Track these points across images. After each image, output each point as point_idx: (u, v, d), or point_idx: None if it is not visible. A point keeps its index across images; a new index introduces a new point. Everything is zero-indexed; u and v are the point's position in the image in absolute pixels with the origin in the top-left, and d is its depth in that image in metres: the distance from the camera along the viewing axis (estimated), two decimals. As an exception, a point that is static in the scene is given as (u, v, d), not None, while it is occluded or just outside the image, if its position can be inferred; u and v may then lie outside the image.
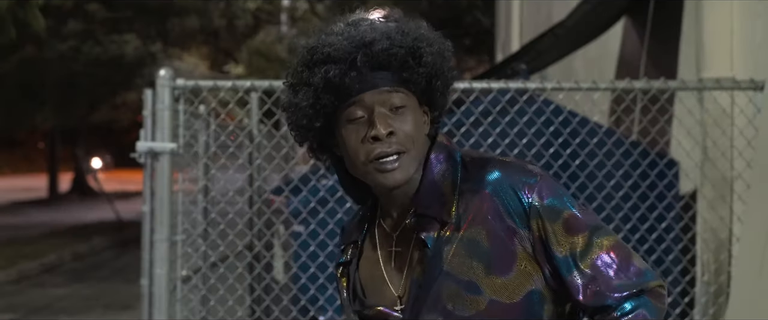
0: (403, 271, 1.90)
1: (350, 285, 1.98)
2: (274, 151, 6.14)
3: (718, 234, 4.57)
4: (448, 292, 1.82)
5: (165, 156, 4.06)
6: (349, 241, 2.02)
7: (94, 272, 14.80)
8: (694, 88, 4.46)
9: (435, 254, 1.84)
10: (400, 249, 1.92)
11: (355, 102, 1.82)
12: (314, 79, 1.82)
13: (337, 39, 1.83)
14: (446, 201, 1.86)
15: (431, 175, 1.89)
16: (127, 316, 10.10)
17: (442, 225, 1.85)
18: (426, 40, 1.87)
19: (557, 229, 1.83)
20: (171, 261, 4.12)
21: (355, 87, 1.81)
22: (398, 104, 1.83)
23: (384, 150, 1.80)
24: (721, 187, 4.56)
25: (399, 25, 1.87)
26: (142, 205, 4.14)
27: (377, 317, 1.92)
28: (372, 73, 1.83)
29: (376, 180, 1.85)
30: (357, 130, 1.82)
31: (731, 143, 4.45)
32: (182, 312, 4.40)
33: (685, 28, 5.22)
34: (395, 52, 1.82)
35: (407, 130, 1.83)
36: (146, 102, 4.11)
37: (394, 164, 1.81)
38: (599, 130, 4.61)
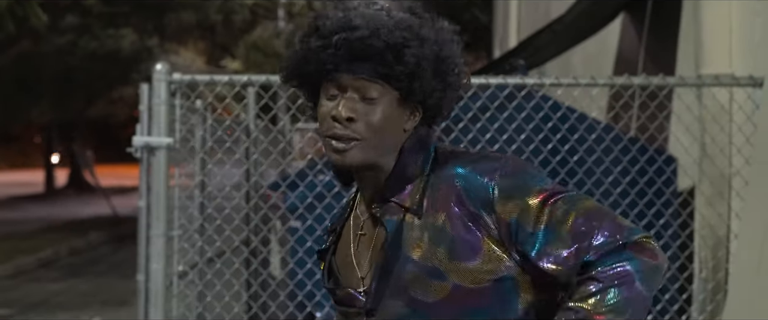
0: (368, 254, 1.93)
1: (326, 269, 2.01)
2: (271, 146, 6.16)
3: (716, 231, 4.58)
4: (410, 278, 1.83)
5: (161, 151, 4.05)
6: (331, 229, 2.05)
7: (90, 267, 14.81)
8: (693, 85, 4.46)
9: (395, 239, 1.85)
10: (364, 232, 1.95)
11: (333, 80, 1.85)
12: (302, 45, 1.88)
13: (334, 15, 1.87)
14: (411, 189, 1.88)
15: (402, 164, 1.90)
16: (123, 312, 10.09)
17: (405, 210, 1.87)
18: (417, 40, 1.85)
19: (526, 206, 1.79)
20: (167, 257, 4.12)
21: (329, 65, 1.84)
22: (372, 95, 1.84)
23: (337, 132, 1.84)
24: (719, 184, 4.56)
25: (394, 19, 1.87)
26: (139, 200, 4.14)
27: (346, 298, 1.95)
28: (353, 59, 1.84)
29: (329, 157, 1.90)
30: (327, 104, 1.86)
31: (730, 140, 4.45)
32: (178, 308, 4.39)
33: (684, 25, 5.21)
34: (373, 43, 1.82)
35: (371, 121, 1.84)
36: (142, 96, 4.10)
37: (341, 147, 1.84)
38: (597, 125, 4.61)
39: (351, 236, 1.98)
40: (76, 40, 22.43)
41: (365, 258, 1.93)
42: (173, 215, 4.26)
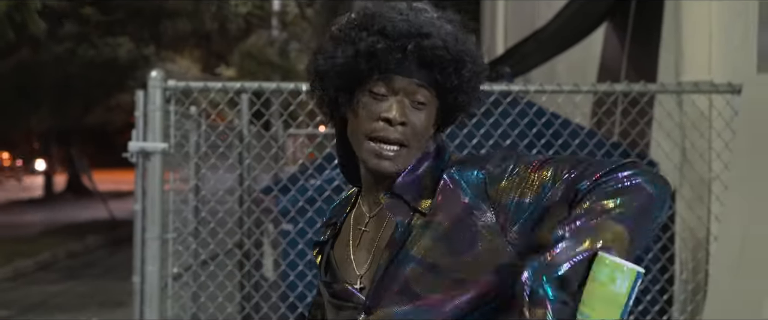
0: (369, 251, 1.90)
1: (323, 263, 1.99)
2: (263, 151, 6.15)
3: (696, 233, 4.59)
4: (412, 275, 1.80)
5: (156, 156, 4.05)
6: (329, 223, 2.03)
7: (87, 269, 14.77)
8: (674, 91, 4.48)
9: (402, 239, 1.82)
10: (369, 229, 1.92)
11: (385, 79, 1.81)
12: (361, 42, 1.80)
13: (398, 18, 1.82)
14: (423, 192, 1.86)
15: (417, 166, 1.88)
16: (120, 313, 10.07)
17: (414, 210, 1.84)
18: (472, 57, 1.86)
19: (517, 179, 1.75)
20: (162, 259, 4.11)
21: (392, 67, 1.80)
22: (421, 100, 1.82)
23: (388, 135, 1.80)
24: (699, 188, 4.58)
25: (455, 31, 1.86)
26: (134, 204, 4.13)
27: (342, 292, 1.91)
28: (413, 63, 1.81)
29: (367, 160, 1.84)
30: (374, 104, 1.81)
31: (709, 145, 4.46)
32: (173, 309, 4.39)
33: (665, 33, 5.23)
34: (443, 54, 1.80)
35: (417, 126, 1.82)
36: (138, 103, 4.10)
37: (390, 153, 1.81)
38: (581, 131, 4.62)
39: (351, 233, 1.95)
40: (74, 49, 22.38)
41: (365, 256, 1.91)
42: (168, 218, 4.26)
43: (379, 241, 1.88)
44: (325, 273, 1.98)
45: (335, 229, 2.00)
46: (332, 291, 1.93)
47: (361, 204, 1.97)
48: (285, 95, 4.41)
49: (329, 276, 1.96)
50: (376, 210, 1.91)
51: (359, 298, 1.87)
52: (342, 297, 1.91)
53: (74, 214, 23.90)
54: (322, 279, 1.98)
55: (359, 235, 1.93)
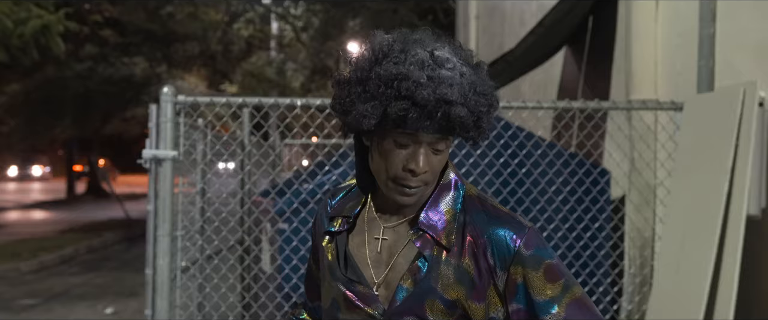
0: (387, 263, 1.86)
1: (340, 254, 1.92)
2: (262, 158, 6.15)
3: (642, 233, 4.61)
4: (431, 305, 1.81)
5: (167, 162, 4.04)
6: (341, 215, 1.95)
7: (105, 263, 14.70)
8: (624, 108, 4.50)
9: (429, 271, 1.81)
10: (387, 239, 1.88)
11: (412, 135, 1.76)
12: (391, 107, 1.72)
13: (424, 79, 1.72)
14: (447, 227, 1.84)
15: (439, 199, 1.86)
16: (134, 301, 10.04)
17: (439, 246, 1.82)
18: (488, 102, 1.80)
19: (538, 277, 1.81)
20: (172, 254, 4.10)
21: (419, 128, 1.74)
22: (440, 148, 1.79)
23: (410, 184, 1.78)
24: (645, 193, 4.60)
25: (475, 83, 1.78)
26: (147, 205, 4.12)
27: (365, 295, 1.86)
28: (438, 125, 1.75)
29: (390, 195, 1.82)
30: (398, 152, 1.77)
31: (655, 155, 4.48)
32: (181, 298, 4.38)
33: (616, 57, 5.26)
34: (467, 120, 1.75)
35: (436, 168, 1.81)
36: (151, 115, 4.09)
37: (412, 192, 1.80)
38: (542, 143, 4.64)
39: (367, 236, 1.90)
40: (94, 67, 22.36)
41: (382, 265, 1.87)
42: (177, 218, 4.25)
43: (398, 257, 1.86)
44: (344, 267, 1.90)
45: (348, 223, 1.93)
46: (354, 290, 1.88)
47: (374, 210, 1.93)
48: (282, 109, 4.41)
49: (350, 273, 1.89)
50: (396, 223, 1.89)
51: (379, 307, 1.85)
52: (363, 300, 1.87)
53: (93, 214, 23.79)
54: (344, 273, 1.90)
55: (378, 244, 1.89)
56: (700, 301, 3.41)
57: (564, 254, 4.42)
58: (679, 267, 3.74)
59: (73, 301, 10.82)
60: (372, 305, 1.85)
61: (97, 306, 10.36)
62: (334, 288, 1.92)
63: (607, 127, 5.01)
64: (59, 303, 10.69)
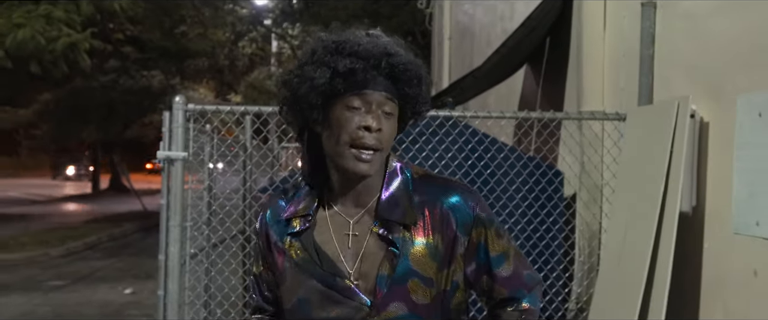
0: (358, 255, 1.74)
1: (311, 251, 1.76)
2: (261, 159, 6.13)
3: (591, 226, 4.62)
4: (412, 286, 1.72)
5: (178, 162, 4.03)
6: (296, 215, 1.79)
7: (125, 249, 14.66)
8: (575, 118, 4.51)
9: (402, 254, 1.72)
10: (357, 234, 1.75)
11: (360, 94, 1.67)
12: (338, 65, 1.66)
13: (364, 41, 1.70)
14: (405, 209, 1.74)
15: (390, 186, 1.77)
16: (149, 283, 10.00)
17: (404, 228, 1.73)
18: (425, 71, 1.77)
19: (491, 234, 1.80)
20: (182, 242, 4.09)
21: (368, 83, 1.67)
22: (389, 111, 1.70)
23: (368, 142, 1.67)
24: (593, 192, 4.61)
25: (407, 51, 1.75)
26: (161, 199, 4.10)
27: (345, 291, 1.73)
28: (383, 79, 1.70)
29: (347, 165, 1.69)
30: (352, 117, 1.67)
31: (601, 159, 4.50)
32: (190, 280, 4.36)
33: (569, 74, 5.27)
34: (410, 68, 1.71)
35: (388, 133, 1.71)
36: (165, 121, 4.08)
37: (368, 156, 1.68)
38: (505, 147, 4.64)
39: (333, 233, 1.76)
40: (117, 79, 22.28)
41: (353, 256, 1.74)
42: (187, 211, 4.23)
43: (369, 248, 1.75)
44: (320, 263, 1.75)
45: (309, 221, 1.78)
46: (334, 284, 1.73)
47: (334, 207, 1.79)
48: (279, 117, 4.40)
49: (328, 267, 1.74)
50: (358, 216, 1.77)
51: (362, 299, 1.72)
52: (344, 294, 1.73)
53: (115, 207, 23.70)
54: (323, 268, 1.74)
55: (347, 239, 1.76)
56: (640, 284, 3.43)
57: (523, 244, 4.43)
58: (622, 256, 3.76)
59: (96, 283, 10.79)
60: (355, 297, 1.72)
61: (117, 287, 10.34)
62: (306, 286, 1.75)
63: (561, 134, 5.03)
64: (84, 285, 10.65)
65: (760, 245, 3.02)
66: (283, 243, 1.80)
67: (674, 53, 3.92)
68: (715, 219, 3.41)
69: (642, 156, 3.84)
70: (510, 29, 6.26)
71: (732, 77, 3.32)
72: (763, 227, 2.99)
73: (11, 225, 17.54)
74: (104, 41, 15.75)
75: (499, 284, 1.83)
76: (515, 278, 1.85)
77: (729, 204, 3.24)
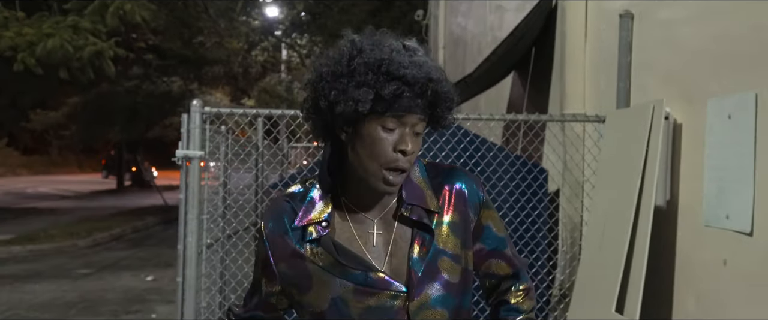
0: (386, 249, 1.63)
1: (333, 255, 1.62)
2: (272, 158, 6.12)
3: (573, 219, 4.62)
4: (443, 265, 1.64)
5: (196, 160, 4.02)
6: (312, 222, 1.64)
7: (147, 240, 14.65)
8: (559, 120, 4.51)
9: (432, 236, 1.64)
10: (381, 232, 1.64)
11: (397, 117, 1.54)
12: (383, 89, 1.50)
13: (407, 63, 1.53)
14: (425, 194, 1.66)
15: (411, 175, 1.67)
16: (169, 271, 10.00)
17: (429, 212, 1.65)
18: (457, 95, 1.64)
19: (495, 217, 1.77)
20: (199, 233, 4.08)
21: (410, 109, 1.54)
22: (419, 131, 1.58)
23: (403, 165, 1.55)
24: (575, 188, 4.61)
25: (438, 67, 1.61)
26: (180, 194, 4.10)
27: (380, 282, 1.60)
28: (429, 105, 1.58)
29: (377, 185, 1.57)
30: (387, 138, 1.54)
31: (583, 158, 4.49)
32: (206, 268, 4.35)
33: (554, 79, 5.27)
34: (449, 96, 1.59)
35: (416, 152, 1.59)
36: (183, 123, 4.07)
37: (399, 178, 1.57)
38: (494, 147, 4.64)
39: (355, 232, 1.63)
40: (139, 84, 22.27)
41: (381, 252, 1.63)
42: (203, 204, 4.23)
43: (396, 242, 1.64)
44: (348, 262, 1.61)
45: (325, 227, 1.64)
46: (367, 279, 1.60)
47: (354, 208, 1.65)
48: (288, 119, 4.40)
49: (356, 265, 1.61)
50: (382, 214, 1.65)
51: (398, 287, 1.61)
52: (379, 286, 1.60)
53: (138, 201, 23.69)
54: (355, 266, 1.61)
55: (371, 236, 1.63)
56: (618, 272, 3.43)
57: (511, 235, 4.41)
58: (601, 246, 3.75)
59: (120, 271, 10.79)
60: (391, 286, 1.61)
61: (140, 275, 10.33)
62: (336, 287, 1.61)
63: (546, 135, 5.02)
64: (109, 273, 10.64)
65: (729, 236, 3.01)
66: (303, 251, 1.65)
67: (650, 60, 3.91)
68: (688, 213, 3.40)
69: (620, 155, 3.83)
70: (499, 38, 6.26)
71: (703, 82, 3.31)
72: (731, 220, 2.98)
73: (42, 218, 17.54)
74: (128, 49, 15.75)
75: (506, 262, 1.80)
76: (515, 258, 1.83)
77: (700, 198, 3.23)
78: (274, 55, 26.87)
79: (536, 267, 4.49)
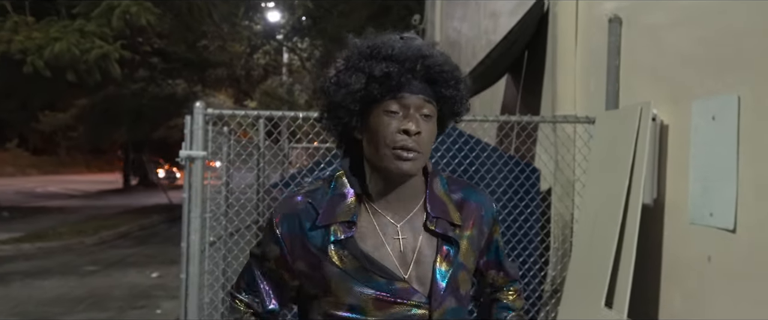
0: (411, 257, 1.55)
1: (359, 260, 1.52)
2: (273, 158, 6.13)
3: (564, 217, 4.63)
4: (461, 278, 1.58)
5: (199, 160, 4.03)
6: (336, 221, 1.54)
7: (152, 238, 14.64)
8: (550, 121, 4.52)
9: (456, 250, 1.58)
10: (406, 237, 1.55)
11: (397, 98, 1.49)
12: (373, 69, 1.48)
13: (398, 45, 1.51)
14: (448, 207, 1.60)
15: (433, 186, 1.61)
16: (173, 268, 10.00)
17: (452, 225, 1.59)
18: (460, 71, 1.57)
19: (499, 229, 1.75)
20: (202, 231, 4.09)
21: (404, 86, 1.49)
22: (427, 113, 1.51)
23: (408, 144, 1.48)
24: (566, 186, 4.62)
25: (443, 52, 1.56)
26: (183, 193, 4.11)
27: (403, 292, 1.52)
28: (420, 82, 1.51)
29: (390, 165, 1.50)
30: (390, 121, 1.49)
31: (573, 157, 4.50)
32: (209, 266, 4.36)
33: (545, 82, 5.28)
34: (446, 69, 1.52)
35: (426, 136, 1.51)
36: (187, 124, 4.08)
37: (409, 155, 1.49)
38: (489, 147, 4.65)
39: (383, 237, 1.54)
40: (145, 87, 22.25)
41: (407, 258, 1.54)
42: (206, 203, 4.23)
43: (422, 250, 1.56)
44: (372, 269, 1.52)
45: (351, 229, 1.54)
46: (391, 289, 1.52)
47: (378, 211, 1.57)
48: (288, 120, 4.41)
49: (381, 273, 1.52)
50: (405, 219, 1.57)
51: (421, 297, 1.53)
52: (402, 296, 1.52)
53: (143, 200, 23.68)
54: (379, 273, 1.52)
55: (397, 242, 1.55)
56: (607, 268, 3.44)
57: (504, 233, 4.44)
58: (591, 243, 3.76)
59: (126, 267, 10.79)
60: (413, 297, 1.53)
61: (145, 271, 10.33)
62: (356, 294, 1.52)
63: (538, 135, 5.03)
64: (115, 269, 10.65)
65: (713, 234, 3.02)
66: (325, 251, 1.54)
67: (637, 63, 3.93)
68: (674, 211, 3.42)
69: (609, 154, 3.84)
70: (493, 42, 6.27)
71: (688, 85, 3.33)
72: (716, 217, 3.00)
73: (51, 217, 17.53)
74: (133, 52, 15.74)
75: (504, 273, 1.82)
76: (511, 268, 1.85)
77: (686, 197, 3.25)
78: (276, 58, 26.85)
79: (529, 264, 4.50)
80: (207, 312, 4.29)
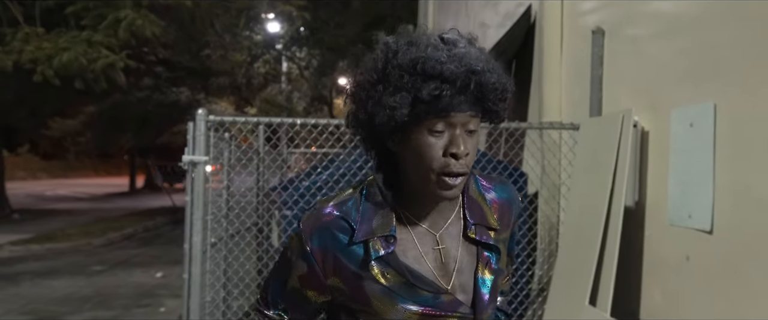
0: (452, 267, 1.40)
1: (403, 275, 1.38)
2: (272, 163, 6.12)
3: (550, 219, 4.63)
4: (500, 284, 1.48)
5: (201, 165, 4.02)
6: (374, 235, 1.38)
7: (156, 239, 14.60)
8: (537, 128, 4.53)
9: (497, 257, 1.45)
10: (445, 246, 1.40)
11: (444, 117, 1.29)
12: (421, 91, 1.26)
13: (445, 57, 1.28)
14: (485, 211, 1.45)
15: (469, 190, 1.45)
16: (177, 268, 9.95)
17: (491, 230, 1.44)
18: (511, 83, 1.36)
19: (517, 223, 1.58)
20: (204, 233, 4.08)
21: (454, 107, 1.28)
22: (472, 129, 1.32)
23: (457, 169, 1.30)
24: (552, 190, 4.63)
25: (487, 57, 1.33)
26: (186, 196, 4.10)
27: (449, 305, 1.39)
28: (475, 100, 1.31)
29: (435, 191, 1.33)
30: (436, 142, 1.30)
31: (559, 162, 4.51)
32: (210, 266, 4.36)
33: (532, 90, 5.29)
34: (498, 86, 1.32)
35: (473, 154, 1.33)
36: (189, 130, 4.07)
37: (456, 182, 1.32)
38: (478, 153, 4.63)
39: (420, 248, 1.39)
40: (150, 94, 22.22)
41: (449, 270, 1.40)
42: (208, 206, 4.23)
43: (462, 259, 1.42)
44: (417, 284, 1.38)
45: (391, 243, 1.37)
46: (437, 303, 1.38)
47: (415, 221, 1.40)
48: (287, 126, 4.41)
49: (426, 287, 1.38)
50: (443, 228, 1.41)
51: (466, 309, 1.40)
52: (447, 309, 1.39)
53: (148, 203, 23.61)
54: (425, 288, 1.38)
55: (438, 253, 1.40)
56: (591, 268, 3.44)
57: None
58: (576, 244, 3.77)
59: (132, 267, 10.75)
60: (459, 308, 1.40)
61: (150, 271, 10.30)
62: (400, 310, 1.37)
63: (525, 141, 5.04)
64: (121, 269, 10.61)
65: (691, 234, 3.03)
66: (367, 269, 1.39)
67: (620, 73, 3.94)
68: (654, 213, 3.42)
69: (593, 159, 3.85)
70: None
71: (668, 93, 3.34)
72: (694, 219, 3.01)
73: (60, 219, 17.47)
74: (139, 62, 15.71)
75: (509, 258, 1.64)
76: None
77: (665, 199, 3.26)
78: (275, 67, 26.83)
79: (516, 264, 4.50)
80: (208, 310, 4.28)
